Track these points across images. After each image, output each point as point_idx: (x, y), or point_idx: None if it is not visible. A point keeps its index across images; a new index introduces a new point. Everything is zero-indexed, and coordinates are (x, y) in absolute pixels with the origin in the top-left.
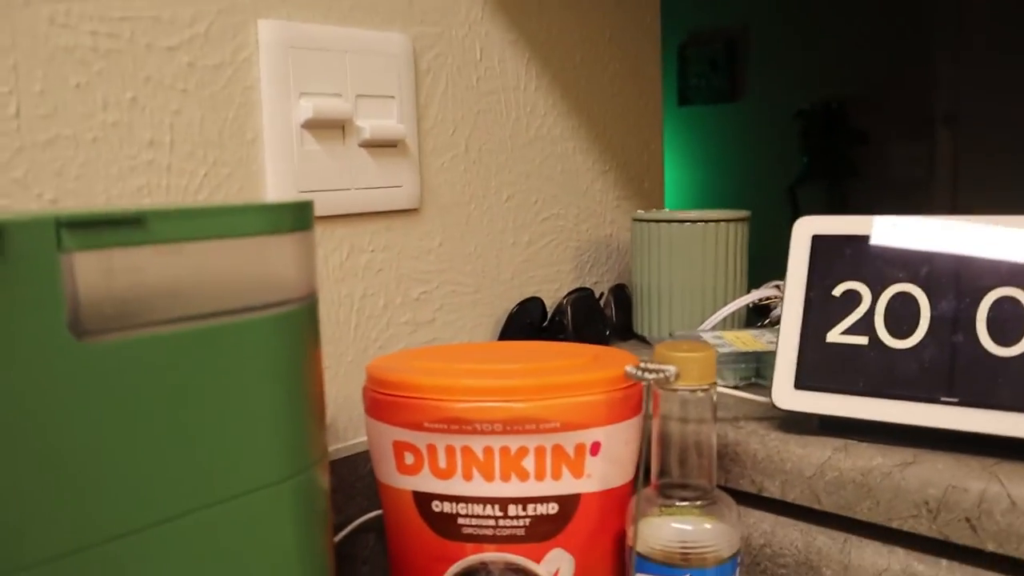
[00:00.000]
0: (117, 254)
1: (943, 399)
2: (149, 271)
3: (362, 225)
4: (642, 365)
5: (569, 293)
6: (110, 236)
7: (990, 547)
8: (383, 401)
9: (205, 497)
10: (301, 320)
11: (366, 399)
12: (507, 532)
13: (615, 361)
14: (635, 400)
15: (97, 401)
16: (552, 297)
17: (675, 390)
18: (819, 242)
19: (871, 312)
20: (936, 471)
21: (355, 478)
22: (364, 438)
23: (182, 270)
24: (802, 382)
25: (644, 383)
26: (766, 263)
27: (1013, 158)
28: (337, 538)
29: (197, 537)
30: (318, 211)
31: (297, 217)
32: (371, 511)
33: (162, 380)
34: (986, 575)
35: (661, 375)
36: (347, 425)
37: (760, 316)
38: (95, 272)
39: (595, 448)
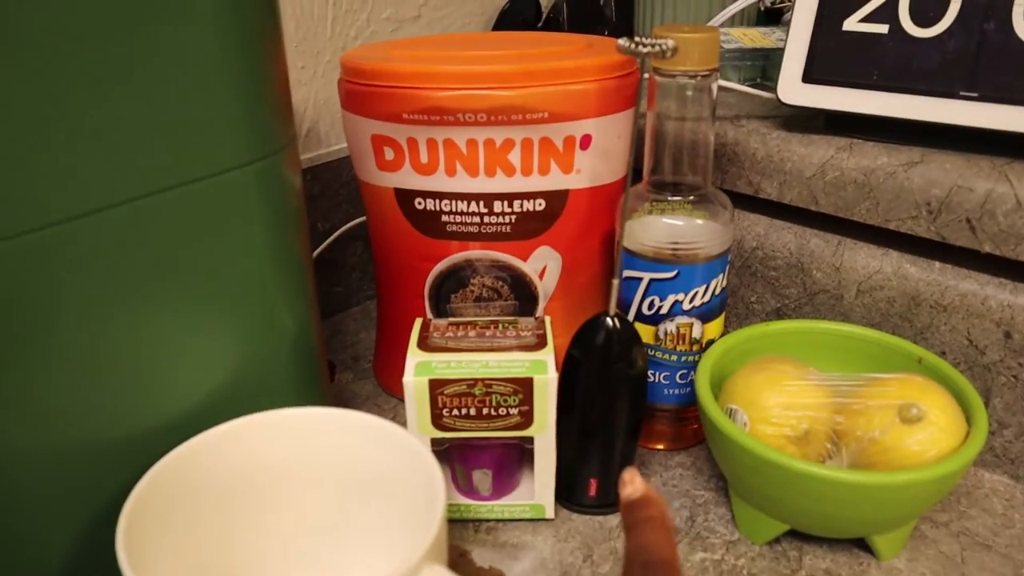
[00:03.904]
0: None
1: (962, 93)
2: None
3: None
4: (637, 39)
5: None
6: None
7: (987, 248)
8: (359, 92)
9: (164, 179)
10: (285, 164)
11: (341, 91)
12: (492, 229)
13: (610, 49)
14: (630, 91)
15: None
16: None
17: (673, 75)
18: None
19: None
20: (943, 171)
21: (339, 184)
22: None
23: None
24: (812, 75)
25: (638, 58)
26: None
27: None
28: (324, 244)
29: (159, 220)
30: None
31: None
32: (357, 218)
33: (95, 53)
34: (977, 277)
35: (657, 48)
36: (328, 130)
37: (773, 22)
38: None
39: (585, 141)
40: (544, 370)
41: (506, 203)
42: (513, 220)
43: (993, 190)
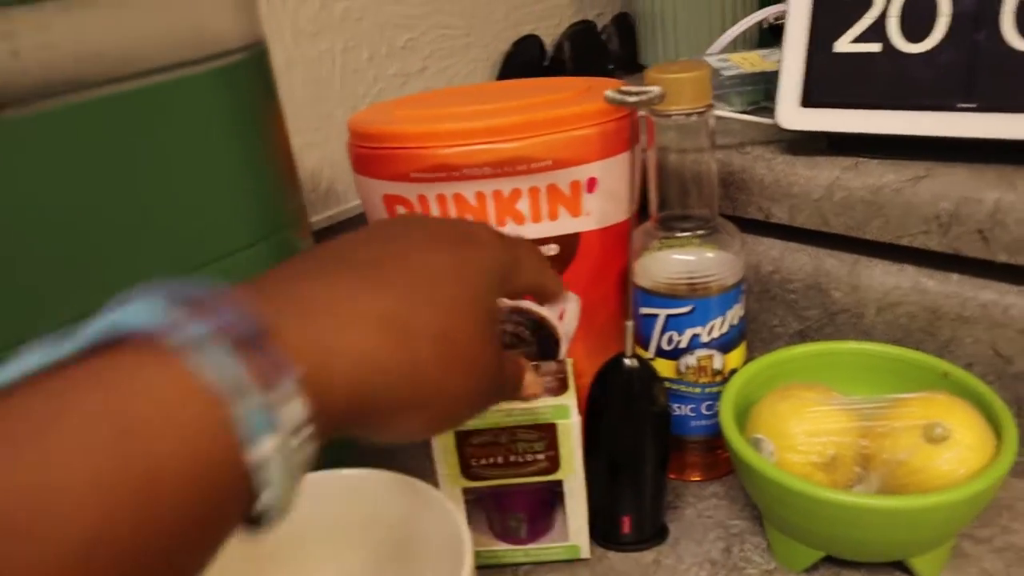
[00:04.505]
0: (17, 15)
1: (960, 105)
2: (56, 31)
3: None
4: (623, 88)
5: (568, 28)
6: None
7: (1001, 258)
8: (367, 155)
9: (176, 267)
10: (245, 73)
11: (351, 155)
12: None
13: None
14: (631, 132)
15: (29, 176)
16: (551, 34)
17: (668, 115)
18: None
19: (884, 14)
20: (950, 183)
21: None
22: None
23: (97, 27)
24: (809, 99)
25: (630, 108)
26: None
27: None
28: None
29: None
30: None
31: None
32: None
33: (100, 149)
34: (997, 287)
35: (644, 97)
36: (346, 188)
37: (777, 40)
38: None
39: (591, 184)
40: (567, 415)
41: None
42: None
43: (1001, 199)
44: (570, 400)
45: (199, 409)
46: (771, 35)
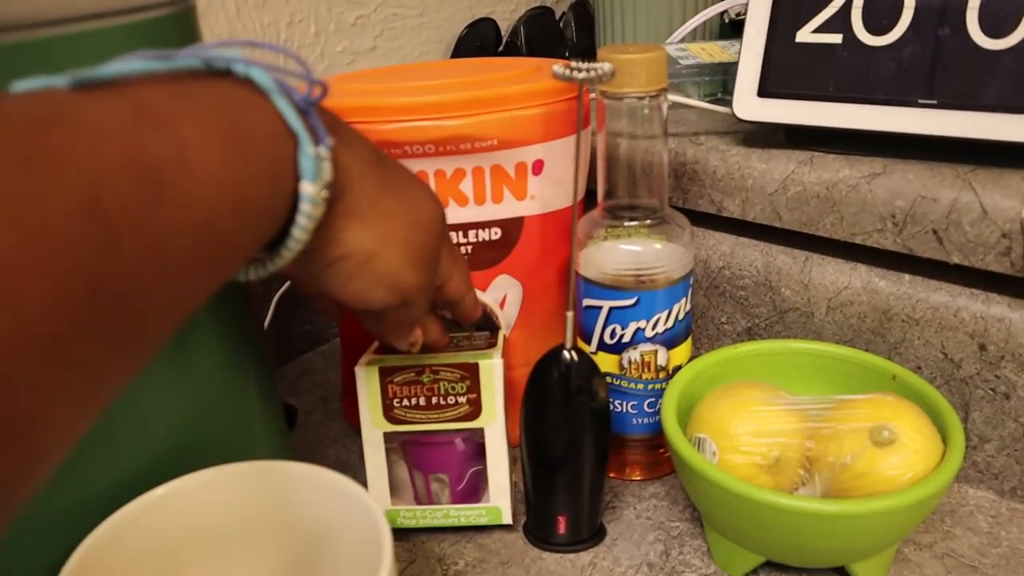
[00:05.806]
0: None
1: (921, 101)
2: None
3: None
4: (572, 64)
5: (525, 13)
6: None
7: (955, 259)
8: None
9: None
10: (166, 31)
11: None
12: None
13: None
14: (581, 113)
15: None
16: (507, 19)
17: (620, 97)
18: None
19: (848, 5)
20: (906, 181)
21: None
22: None
23: None
24: (767, 89)
25: (577, 84)
26: None
27: None
28: (289, 283)
29: None
30: None
31: None
32: None
33: None
34: (949, 288)
35: (592, 73)
36: None
37: (738, 34)
38: None
39: (537, 167)
40: (490, 356)
41: (461, 233)
42: (470, 250)
43: (958, 199)
44: (495, 351)
45: (280, 143)
46: (732, 30)
